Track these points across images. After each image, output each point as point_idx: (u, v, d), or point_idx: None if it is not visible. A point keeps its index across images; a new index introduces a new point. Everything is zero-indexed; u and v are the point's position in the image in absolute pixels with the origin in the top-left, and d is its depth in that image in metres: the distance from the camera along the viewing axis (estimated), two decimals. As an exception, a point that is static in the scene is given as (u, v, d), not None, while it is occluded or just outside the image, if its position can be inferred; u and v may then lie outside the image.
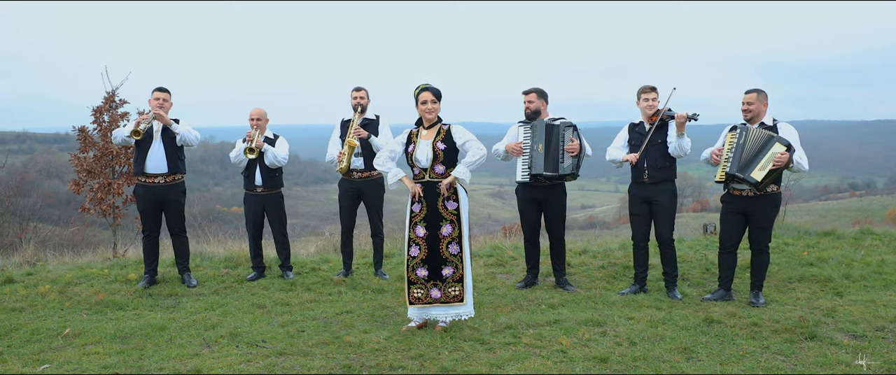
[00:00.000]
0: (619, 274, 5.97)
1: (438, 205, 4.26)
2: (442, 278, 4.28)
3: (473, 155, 4.20)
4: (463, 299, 4.27)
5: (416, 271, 4.30)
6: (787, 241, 6.92)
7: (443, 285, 4.28)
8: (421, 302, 4.30)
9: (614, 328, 4.28)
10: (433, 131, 4.30)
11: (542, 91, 5.36)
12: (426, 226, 4.27)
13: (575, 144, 5.11)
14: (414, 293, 4.31)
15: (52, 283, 5.68)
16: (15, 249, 9.06)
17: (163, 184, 5.52)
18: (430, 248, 4.26)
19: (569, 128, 5.16)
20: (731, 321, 4.39)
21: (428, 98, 4.25)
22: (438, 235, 4.26)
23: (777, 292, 5.19)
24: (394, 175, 4.33)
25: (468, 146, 4.23)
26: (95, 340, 4.31)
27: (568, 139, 5.12)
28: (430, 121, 4.30)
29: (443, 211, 4.26)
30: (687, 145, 4.97)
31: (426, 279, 4.29)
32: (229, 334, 4.35)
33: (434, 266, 4.27)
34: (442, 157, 4.23)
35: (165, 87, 5.61)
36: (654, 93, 5.11)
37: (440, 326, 4.28)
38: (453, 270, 4.27)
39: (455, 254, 4.27)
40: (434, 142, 4.24)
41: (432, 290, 4.29)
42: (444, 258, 4.27)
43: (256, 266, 5.99)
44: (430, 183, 4.27)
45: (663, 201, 5.08)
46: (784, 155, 4.53)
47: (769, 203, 4.78)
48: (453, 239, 4.26)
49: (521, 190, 5.44)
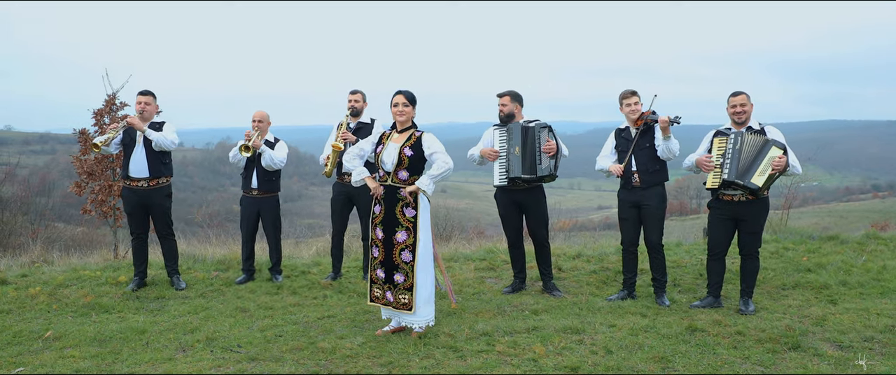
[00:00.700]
0: (610, 280, 5.86)
1: (396, 211, 4.22)
2: (393, 283, 4.27)
3: (439, 168, 4.16)
4: (411, 308, 4.21)
5: (376, 271, 4.31)
6: (787, 246, 6.75)
7: (394, 290, 4.27)
8: (379, 301, 4.34)
9: (593, 336, 4.19)
10: (404, 136, 4.26)
11: (517, 94, 5.28)
12: (383, 229, 4.25)
13: (552, 145, 5.03)
14: (374, 291, 4.35)
15: (44, 285, 5.75)
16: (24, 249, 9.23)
17: (146, 187, 5.53)
18: (386, 252, 4.25)
19: (544, 129, 5.08)
20: (715, 329, 4.27)
21: (399, 100, 4.23)
22: (393, 240, 4.24)
23: (769, 299, 5.04)
24: (358, 173, 4.33)
25: (435, 158, 4.18)
26: (74, 343, 4.33)
27: (544, 140, 5.04)
28: (402, 123, 4.27)
29: (400, 216, 4.23)
30: (675, 147, 4.86)
31: (383, 281, 4.30)
32: (206, 338, 4.35)
33: (388, 270, 4.27)
34: (407, 163, 4.19)
35: (148, 90, 5.63)
36: (636, 97, 5.01)
37: (415, 332, 4.24)
38: (404, 278, 4.24)
39: (407, 262, 4.22)
40: (402, 146, 4.21)
41: (387, 293, 4.30)
42: (396, 263, 4.25)
43: (246, 268, 6.00)
44: (390, 187, 4.24)
45: (652, 205, 4.98)
46: (782, 158, 4.42)
47: (760, 207, 4.66)
48: (407, 246, 4.21)
49: (500, 195, 5.37)
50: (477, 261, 6.64)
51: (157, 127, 5.57)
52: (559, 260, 6.61)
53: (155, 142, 5.43)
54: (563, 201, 55.59)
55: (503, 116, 5.21)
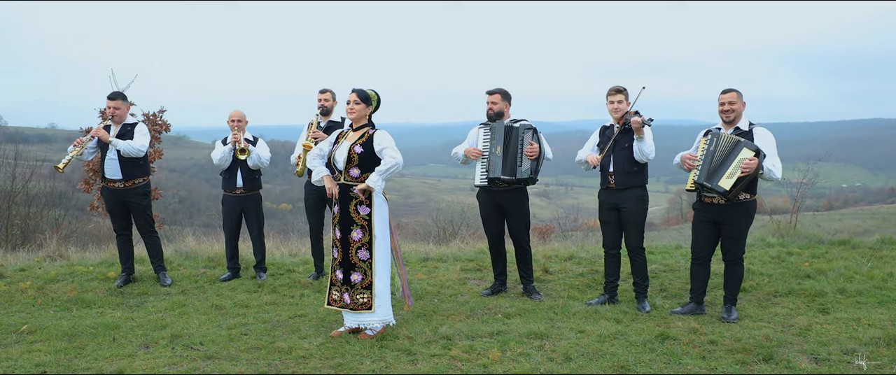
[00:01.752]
0: (597, 283, 5.66)
1: (350, 209, 4.18)
2: (351, 283, 4.21)
3: (385, 163, 4.09)
4: (371, 307, 4.17)
5: (335, 272, 4.27)
6: (791, 251, 6.40)
7: (351, 291, 4.21)
8: (336, 304, 4.28)
9: (556, 342, 4.03)
10: (358, 134, 4.23)
11: (507, 92, 5.16)
12: (340, 229, 4.21)
13: (534, 148, 4.89)
14: (332, 294, 4.29)
15: (35, 280, 5.91)
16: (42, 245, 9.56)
17: (122, 188, 5.56)
18: (343, 251, 4.21)
19: (528, 130, 4.95)
20: (688, 338, 4.07)
21: (351, 99, 4.21)
22: (349, 239, 4.19)
23: (756, 307, 4.78)
24: (318, 172, 4.30)
25: (383, 154, 4.13)
26: (46, 338, 4.41)
27: (527, 142, 4.90)
28: (356, 122, 4.24)
29: (354, 215, 4.18)
30: (648, 150, 4.65)
31: (341, 282, 4.25)
32: (172, 335, 4.36)
33: (346, 270, 4.22)
34: (357, 161, 4.15)
35: (119, 93, 5.67)
36: (621, 95, 4.81)
37: (366, 334, 4.18)
38: (362, 277, 4.19)
39: (364, 260, 4.18)
40: (353, 144, 4.17)
41: (344, 295, 4.24)
42: (352, 263, 4.20)
43: (231, 266, 6.04)
44: (343, 185, 4.20)
45: (630, 208, 4.78)
46: (752, 161, 4.18)
47: (742, 212, 4.42)
48: (363, 244, 4.17)
49: (481, 195, 5.26)
50: (465, 262, 6.52)
51: (129, 129, 5.54)
52: (549, 261, 6.44)
53: (122, 150, 5.42)
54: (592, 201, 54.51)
55: (492, 114, 5.10)
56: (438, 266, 6.41)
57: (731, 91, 4.46)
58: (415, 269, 6.29)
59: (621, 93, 4.81)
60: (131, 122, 5.65)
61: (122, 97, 5.64)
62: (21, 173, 12.45)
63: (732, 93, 4.45)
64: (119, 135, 5.52)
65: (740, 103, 4.45)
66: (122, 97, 5.64)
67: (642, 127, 4.53)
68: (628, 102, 4.82)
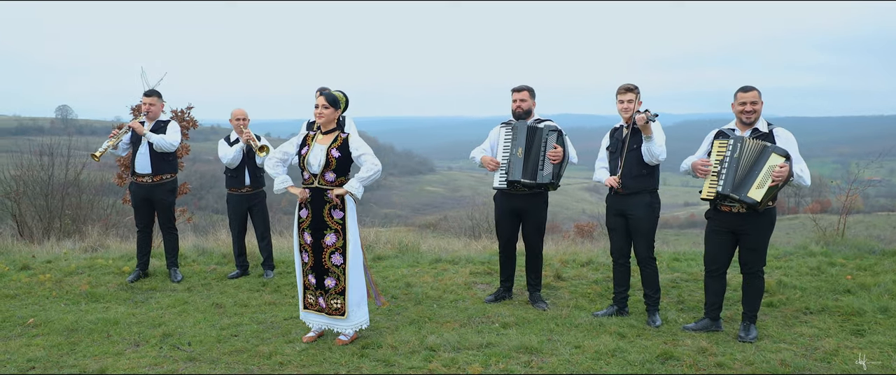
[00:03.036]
0: (610, 292, 5.29)
1: (324, 213, 4.06)
2: (324, 288, 4.11)
3: (368, 170, 4.00)
4: (344, 313, 4.08)
5: (308, 277, 4.17)
6: (835, 261, 5.82)
7: (325, 296, 4.12)
8: (313, 307, 4.18)
9: (546, 358, 3.77)
10: (330, 137, 4.11)
11: (533, 89, 4.89)
12: (311, 233, 4.10)
13: (558, 151, 4.61)
14: (307, 298, 4.19)
15: (56, 272, 6.09)
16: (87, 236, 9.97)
17: (150, 183, 5.72)
18: (315, 256, 4.11)
19: (553, 133, 4.65)
20: (694, 359, 3.71)
21: (320, 103, 4.08)
22: (322, 244, 4.08)
23: (782, 326, 4.33)
24: (281, 182, 4.13)
25: (363, 159, 4.04)
26: (46, 332, 4.50)
27: (551, 145, 4.62)
28: (323, 125, 4.11)
29: (328, 219, 4.07)
30: (656, 151, 4.27)
31: (315, 286, 4.16)
32: (163, 334, 4.36)
33: (319, 274, 4.12)
34: (334, 165, 4.03)
35: (154, 91, 5.84)
36: (632, 93, 4.44)
37: (341, 340, 4.10)
38: (335, 282, 4.10)
39: (338, 265, 4.08)
40: (329, 148, 4.04)
41: (319, 299, 4.16)
42: (326, 268, 4.09)
43: (239, 264, 6.05)
44: (318, 189, 4.08)
45: (638, 214, 4.43)
46: (784, 167, 3.76)
47: (764, 220, 4.01)
48: (337, 249, 4.07)
49: (498, 198, 4.99)
50: (476, 264, 6.29)
51: (162, 126, 5.73)
52: (565, 266, 6.12)
53: (155, 144, 5.60)
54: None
55: (521, 112, 4.82)
56: (448, 268, 6.20)
57: (751, 89, 4.04)
58: (423, 271, 6.11)
59: (632, 91, 4.45)
60: (164, 120, 5.81)
61: (157, 94, 5.82)
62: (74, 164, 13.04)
63: (754, 92, 4.02)
64: (152, 131, 5.68)
65: (760, 102, 4.03)
66: (157, 94, 5.82)
67: (648, 124, 4.17)
68: (640, 101, 4.46)
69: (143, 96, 5.83)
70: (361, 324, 4.13)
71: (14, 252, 7.36)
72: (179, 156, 9.97)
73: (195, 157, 38.76)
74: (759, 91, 4.02)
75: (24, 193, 11.86)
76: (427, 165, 71.42)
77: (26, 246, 8.20)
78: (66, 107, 68.22)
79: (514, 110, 4.87)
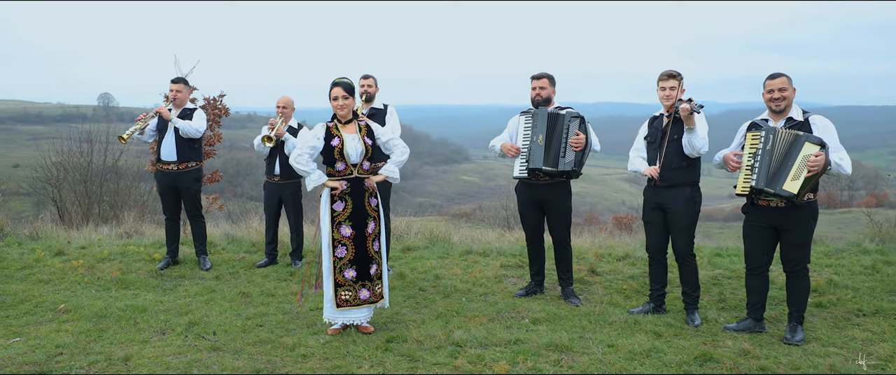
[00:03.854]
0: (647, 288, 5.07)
1: (365, 202, 4.06)
2: (370, 277, 4.09)
3: (402, 154, 4.16)
4: (383, 295, 4.20)
5: (343, 273, 4.06)
6: (892, 260, 5.46)
7: (371, 284, 4.11)
8: (349, 304, 4.07)
9: (576, 357, 3.59)
10: (353, 126, 4.05)
11: (553, 77, 4.71)
12: (352, 225, 4.04)
13: (581, 138, 4.44)
14: (342, 295, 4.07)
15: (88, 258, 6.16)
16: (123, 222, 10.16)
17: (175, 170, 5.72)
18: (358, 247, 4.06)
19: (575, 119, 4.49)
20: (734, 361, 3.49)
21: (339, 94, 3.98)
22: (365, 234, 4.06)
23: (831, 328, 4.05)
24: (318, 178, 4.02)
25: (392, 144, 4.12)
26: (76, 318, 4.53)
27: (573, 132, 4.43)
28: (344, 116, 4.04)
29: (368, 207, 4.07)
30: (698, 143, 4.03)
31: (354, 280, 4.07)
32: (189, 323, 4.34)
33: (362, 265, 4.06)
34: (371, 153, 4.07)
35: (181, 78, 5.88)
36: (675, 80, 4.20)
37: (365, 327, 4.09)
38: (376, 267, 4.12)
39: (378, 251, 4.14)
40: (363, 136, 4.03)
41: (361, 291, 4.08)
42: (370, 256, 4.09)
43: (269, 252, 6.03)
44: (358, 179, 4.05)
45: (677, 209, 4.19)
46: (819, 156, 3.52)
47: (806, 214, 3.76)
48: (376, 235, 4.11)
49: (520, 188, 4.83)
50: (508, 256, 6.12)
51: (188, 113, 5.72)
52: (600, 260, 5.90)
53: (181, 130, 5.60)
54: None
55: (541, 100, 4.67)
56: (478, 260, 6.05)
57: (780, 76, 3.82)
58: (453, 263, 5.98)
59: (674, 78, 4.21)
60: (191, 107, 5.81)
61: (183, 82, 5.85)
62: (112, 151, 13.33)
63: (782, 79, 3.80)
64: (179, 118, 5.69)
65: (791, 89, 3.80)
66: (183, 82, 5.85)
67: (691, 115, 3.92)
68: (683, 89, 4.21)
69: (170, 83, 5.85)
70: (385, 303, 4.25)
71: (52, 237, 7.51)
72: (211, 144, 10.05)
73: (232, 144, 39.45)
74: (790, 77, 3.79)
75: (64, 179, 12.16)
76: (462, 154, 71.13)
77: (65, 231, 8.38)
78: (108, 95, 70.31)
79: (533, 98, 4.70)
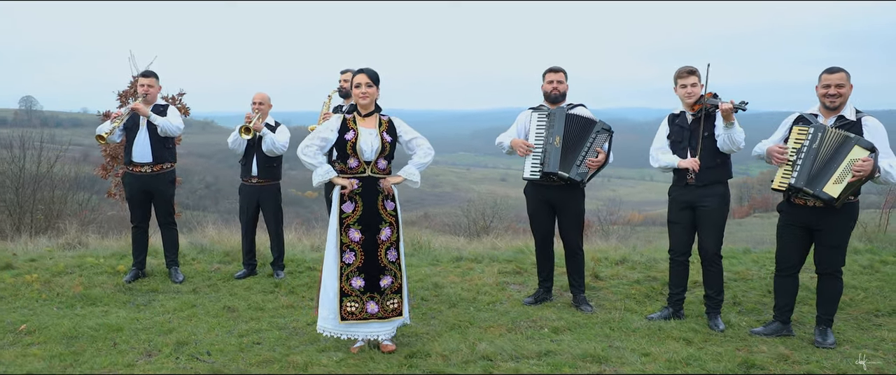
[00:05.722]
0: (656, 293, 5.00)
1: (378, 205, 3.65)
2: (380, 289, 3.67)
3: (425, 156, 3.74)
4: (401, 312, 3.74)
5: (350, 281, 3.68)
6: (885, 259, 5.62)
7: (381, 298, 3.68)
8: (355, 317, 3.68)
9: (617, 367, 3.42)
10: (373, 120, 3.68)
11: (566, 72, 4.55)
12: (362, 229, 3.65)
13: (601, 158, 4.31)
14: (347, 306, 3.68)
15: (43, 272, 5.52)
16: (63, 232, 9.28)
17: (150, 173, 5.22)
18: (368, 254, 3.66)
19: (603, 132, 4.31)
20: (779, 367, 3.41)
21: (362, 81, 3.63)
22: (376, 240, 3.65)
23: (856, 329, 4.06)
24: (324, 172, 3.67)
25: (416, 144, 3.70)
26: (44, 339, 3.99)
27: (598, 145, 4.29)
28: (365, 107, 3.68)
29: (382, 211, 3.66)
30: (739, 137, 3.94)
31: (362, 290, 3.67)
32: (177, 342, 3.90)
33: (372, 275, 3.66)
34: (388, 151, 3.65)
35: (151, 72, 5.35)
36: (695, 76, 4.12)
37: (387, 346, 3.69)
38: (392, 280, 3.68)
39: (393, 261, 3.70)
40: (381, 132, 3.63)
41: (368, 303, 3.68)
42: (382, 266, 3.67)
43: (247, 262, 5.57)
44: (371, 178, 3.65)
45: (710, 206, 4.09)
46: (867, 161, 3.44)
47: (844, 216, 3.70)
48: (392, 243, 3.69)
49: (530, 190, 4.63)
50: (502, 263, 5.91)
51: (161, 110, 5.24)
52: (599, 265, 5.79)
53: (160, 127, 5.13)
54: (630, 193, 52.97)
55: (557, 95, 4.45)
56: (473, 267, 5.82)
57: (838, 71, 3.68)
58: (447, 270, 5.72)
59: (694, 74, 4.12)
60: (162, 104, 5.32)
61: (154, 75, 5.31)
62: (47, 157, 12.28)
63: (841, 74, 3.67)
64: None
65: (848, 86, 3.68)
66: (154, 75, 5.31)
67: (733, 112, 3.82)
68: (701, 85, 4.13)
69: (140, 77, 5.32)
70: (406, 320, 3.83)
71: (-10, 249, 6.73)
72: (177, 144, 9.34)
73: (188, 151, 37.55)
74: (848, 73, 3.68)
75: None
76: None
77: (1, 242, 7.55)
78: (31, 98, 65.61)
79: (549, 92, 4.47)
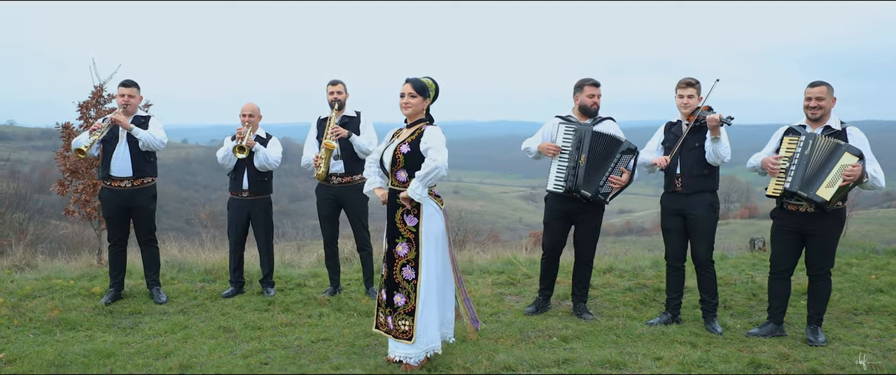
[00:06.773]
0: (649, 299, 5.13)
1: (397, 219, 3.56)
2: (393, 306, 3.58)
3: (425, 165, 3.38)
4: (411, 337, 3.48)
5: (381, 291, 3.65)
6: (849, 261, 5.96)
7: (394, 315, 3.57)
8: (382, 327, 3.65)
9: (636, 371, 3.47)
10: (410, 131, 3.58)
11: None
12: (387, 242, 3.63)
13: (624, 179, 4.35)
14: (379, 316, 3.67)
15: (8, 296, 5.14)
16: (5, 252, 8.65)
17: (130, 187, 4.95)
18: (389, 269, 3.60)
19: (629, 154, 4.35)
20: (783, 366, 3.55)
21: (406, 90, 3.53)
22: (393, 254, 3.57)
23: (840, 327, 4.29)
24: (367, 184, 3.76)
25: (426, 154, 3.43)
26: (29, 368, 3.70)
27: (622, 165, 4.34)
28: (411, 116, 3.59)
29: (400, 226, 3.54)
30: (723, 152, 4.14)
31: (385, 303, 3.62)
32: (180, 365, 3.70)
33: (389, 290, 3.60)
34: (402, 162, 3.48)
35: (132, 81, 5.04)
36: (693, 89, 4.28)
37: (409, 365, 3.56)
38: (405, 300, 3.53)
39: (409, 281, 3.52)
40: (400, 143, 3.52)
41: (388, 318, 3.60)
42: (396, 282, 3.56)
43: (234, 280, 5.36)
44: (392, 191, 3.60)
45: (699, 215, 4.26)
46: (856, 167, 3.67)
47: (833, 221, 3.93)
48: (408, 261, 3.52)
49: (551, 200, 4.64)
50: (494, 274, 5.93)
51: (142, 121, 4.99)
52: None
53: (142, 141, 4.88)
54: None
55: (595, 111, 4.47)
56: (466, 279, 5.81)
57: (820, 84, 3.95)
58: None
59: (693, 86, 4.29)
60: (144, 115, 5.07)
61: (135, 85, 5.03)
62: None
63: (822, 87, 3.93)
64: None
65: (830, 99, 3.94)
66: (135, 85, 5.03)
67: (719, 126, 4.01)
68: (700, 97, 4.31)
69: (119, 86, 5.00)
70: (433, 349, 3.55)
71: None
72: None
73: None
74: (831, 87, 3.93)
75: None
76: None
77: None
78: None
79: (589, 106, 4.46)
